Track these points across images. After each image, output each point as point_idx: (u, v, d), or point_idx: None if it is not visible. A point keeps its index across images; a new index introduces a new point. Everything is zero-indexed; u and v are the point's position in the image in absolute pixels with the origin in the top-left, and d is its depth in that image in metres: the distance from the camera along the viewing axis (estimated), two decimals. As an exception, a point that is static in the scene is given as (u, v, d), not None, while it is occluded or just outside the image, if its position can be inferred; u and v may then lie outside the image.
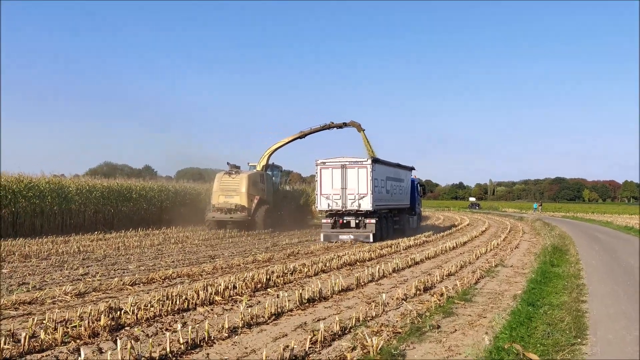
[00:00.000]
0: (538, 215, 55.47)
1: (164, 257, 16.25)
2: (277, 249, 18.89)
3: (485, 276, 12.29)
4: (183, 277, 12.36)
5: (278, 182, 30.00)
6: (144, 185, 30.62)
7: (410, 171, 28.01)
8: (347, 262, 14.51)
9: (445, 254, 17.52)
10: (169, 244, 20.33)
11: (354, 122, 28.24)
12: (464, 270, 13.37)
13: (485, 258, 15.98)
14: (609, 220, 43.49)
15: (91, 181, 28.03)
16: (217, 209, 26.15)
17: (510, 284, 11.32)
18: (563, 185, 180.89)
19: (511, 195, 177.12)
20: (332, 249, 19.07)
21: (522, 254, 17.57)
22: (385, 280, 11.83)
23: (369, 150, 27.62)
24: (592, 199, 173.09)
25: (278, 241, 21.84)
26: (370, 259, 15.84)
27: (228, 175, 26.63)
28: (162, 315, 8.13)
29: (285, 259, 16.03)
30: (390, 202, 23.89)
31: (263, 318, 7.95)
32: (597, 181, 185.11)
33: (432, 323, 7.44)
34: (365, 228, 21.18)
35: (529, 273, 12.64)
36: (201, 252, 17.93)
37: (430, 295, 9.87)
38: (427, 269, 13.68)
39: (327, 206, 21.58)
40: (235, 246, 19.95)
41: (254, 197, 26.31)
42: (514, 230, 29.73)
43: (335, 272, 12.98)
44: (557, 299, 8.77)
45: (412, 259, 14.92)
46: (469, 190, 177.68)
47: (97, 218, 26.86)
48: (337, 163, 21.44)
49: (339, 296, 9.85)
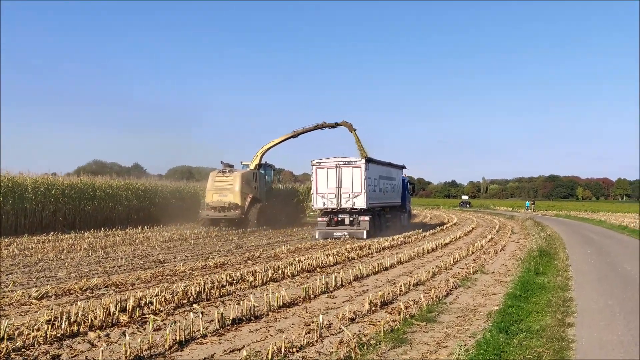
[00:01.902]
0: (530, 214, 53.91)
1: (107, 262, 14.51)
2: (240, 252, 17.17)
3: (460, 286, 10.59)
4: (110, 286, 10.63)
5: (271, 180, 30.11)
6: (110, 184, 28.73)
7: (401, 170, 28.28)
8: (306, 267, 12.77)
9: (421, 257, 15.83)
10: (124, 246, 18.57)
11: (346, 122, 28.34)
12: (436, 278, 11.67)
13: (465, 263, 14.29)
14: (603, 219, 41.95)
15: (51, 179, 26.14)
16: (210, 207, 26.37)
17: (487, 297, 9.62)
18: (557, 183, 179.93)
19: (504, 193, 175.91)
20: (299, 251, 17.34)
21: (508, 257, 15.91)
22: (341, 291, 10.10)
23: (360, 149, 27.65)
24: (585, 196, 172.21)
25: (244, 243, 20.10)
26: (336, 263, 14.12)
27: (222, 173, 26.85)
28: (40, 344, 6.39)
29: (240, 263, 14.31)
30: (383, 200, 24.33)
31: (162, 348, 6.23)
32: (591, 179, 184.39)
33: (373, 359, 5.72)
34: (360, 225, 21.78)
35: (510, 282, 10.97)
36: (153, 255, 16.18)
37: (387, 312, 8.17)
38: (394, 277, 11.98)
39: (323, 205, 22.11)
40: (194, 249, 18.20)
41: (247, 195, 26.51)
42: (503, 230, 28.08)
43: (288, 281, 11.26)
44: (538, 321, 7.06)
45: (381, 264, 13.20)
46: (461, 188, 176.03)
47: (57, 218, 25.00)
48: (332, 163, 22.00)
49: (277, 314, 8.12)
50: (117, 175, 34.72)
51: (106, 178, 29.70)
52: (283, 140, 29.00)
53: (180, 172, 70.91)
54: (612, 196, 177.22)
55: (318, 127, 28.68)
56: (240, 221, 26.11)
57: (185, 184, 36.66)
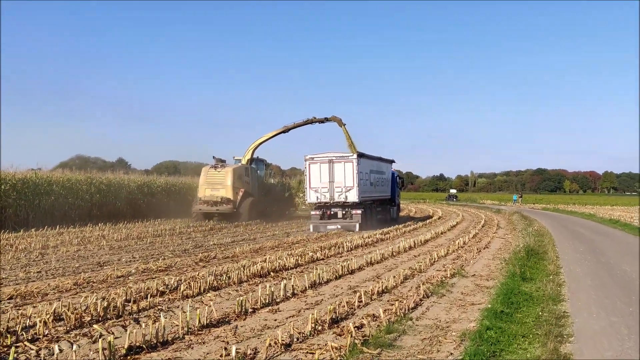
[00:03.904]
0: (517, 208, 52.55)
1: (37, 265, 12.73)
2: (198, 251, 15.45)
3: (433, 294, 8.92)
4: (16, 297, 8.86)
5: (263, 175, 30.56)
6: (69, 177, 26.74)
7: (390, 164, 28.74)
8: (258, 272, 11.02)
9: (396, 256, 14.16)
10: (70, 245, 16.72)
11: (335, 117, 28.92)
12: (407, 283, 10.00)
13: (443, 263, 12.64)
14: (592, 212, 40.60)
15: (3, 173, 24.13)
16: (203, 202, 26.73)
17: (463, 309, 7.96)
18: (544, 176, 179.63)
19: (492, 186, 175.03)
20: (263, 250, 15.60)
21: (492, 256, 14.30)
22: (289, 303, 8.38)
23: (350, 143, 28.12)
24: (572, 190, 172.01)
25: (206, 241, 18.35)
26: (296, 265, 12.40)
27: (214, 168, 27.27)
28: None
29: (190, 266, 12.58)
30: (374, 194, 24.80)
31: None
32: (578, 172, 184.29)
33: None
34: (352, 218, 22.28)
35: (493, 287, 9.32)
36: (96, 257, 14.39)
37: (335, 333, 6.48)
38: (359, 282, 10.29)
39: (316, 199, 22.53)
40: (148, 248, 16.43)
41: (239, 189, 26.97)
42: (488, 225, 26.51)
43: (232, 289, 9.52)
44: (525, 351, 5.38)
45: (346, 266, 11.50)
46: (450, 182, 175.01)
47: (7, 215, 23.01)
48: (325, 158, 22.46)
49: (196, 337, 6.39)
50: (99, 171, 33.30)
51: (63, 172, 27.75)
52: (274, 135, 29.48)
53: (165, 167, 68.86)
54: (599, 189, 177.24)
55: (308, 122, 29.20)
56: (232, 215, 26.42)
57: (156, 178, 34.67)
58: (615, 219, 29.69)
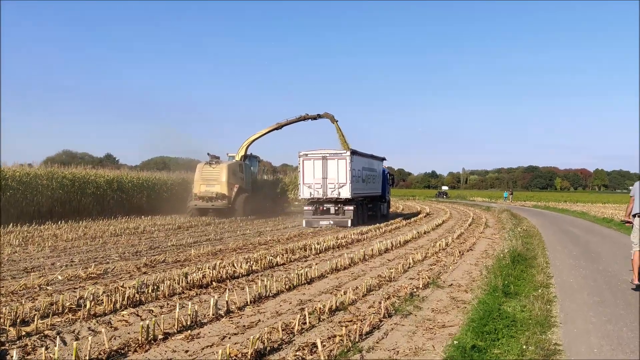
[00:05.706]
0: (507, 205, 51.18)
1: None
2: (151, 253, 13.84)
3: (397, 312, 7.33)
4: None
5: (256, 171, 31.02)
6: (28, 172, 24.94)
7: (381, 161, 28.84)
8: (199, 281, 9.37)
9: (366, 261, 12.56)
10: (8, 246, 15.04)
11: (328, 114, 29.18)
12: (369, 297, 8.40)
13: (418, 270, 11.07)
14: (584, 210, 39.24)
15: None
16: (198, 198, 27.09)
17: (431, 334, 6.38)
18: (536, 173, 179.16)
19: (484, 184, 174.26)
20: (224, 252, 13.96)
21: (475, 260, 12.76)
22: (216, 325, 6.74)
23: (342, 140, 28.51)
24: (564, 187, 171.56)
25: (167, 241, 16.72)
26: (249, 272, 10.77)
27: (209, 165, 27.66)
28: None
29: (129, 272, 10.92)
30: (366, 191, 25.06)
31: None
32: (569, 170, 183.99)
33: None
34: (344, 214, 22.52)
35: (470, 303, 7.74)
36: (30, 260, 12.73)
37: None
38: (313, 295, 8.68)
39: (310, 195, 22.75)
40: (99, 249, 14.82)
41: (233, 185, 27.36)
42: (476, 224, 25.03)
43: (157, 304, 7.88)
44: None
45: (304, 274, 9.88)
46: (441, 179, 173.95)
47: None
48: (318, 155, 22.74)
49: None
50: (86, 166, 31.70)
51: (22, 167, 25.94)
52: (268, 132, 29.71)
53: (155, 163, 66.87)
54: (590, 187, 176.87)
55: (301, 119, 29.51)
56: (227, 211, 26.78)
57: (127, 173, 32.91)
58: (609, 217, 28.26)
